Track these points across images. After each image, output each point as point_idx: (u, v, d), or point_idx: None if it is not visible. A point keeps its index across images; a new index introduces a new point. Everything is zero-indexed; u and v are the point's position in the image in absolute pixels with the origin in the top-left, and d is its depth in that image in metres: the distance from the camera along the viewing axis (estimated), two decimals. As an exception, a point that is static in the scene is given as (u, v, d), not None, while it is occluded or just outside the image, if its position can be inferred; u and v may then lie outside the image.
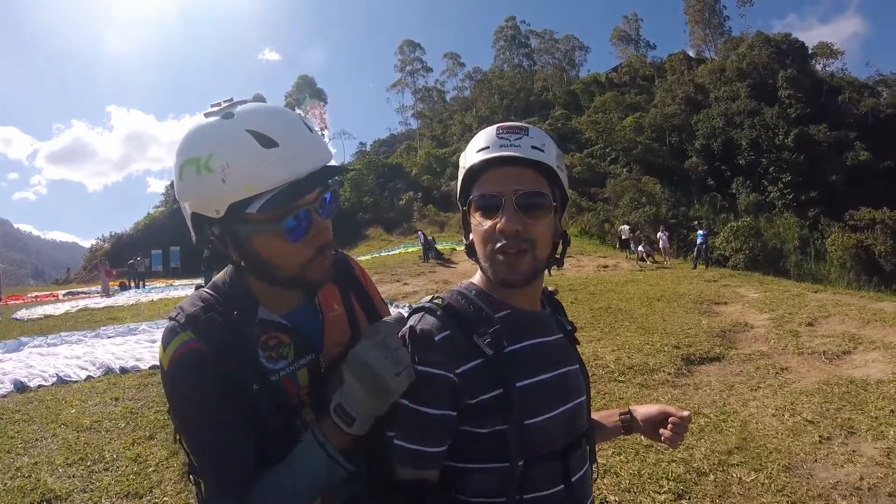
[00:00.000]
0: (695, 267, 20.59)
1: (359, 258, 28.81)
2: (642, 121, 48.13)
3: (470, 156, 1.16)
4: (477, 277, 1.24)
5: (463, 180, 1.20)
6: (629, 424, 1.46)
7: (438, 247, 26.55)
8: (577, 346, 1.34)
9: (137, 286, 27.83)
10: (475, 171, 1.16)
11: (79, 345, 9.57)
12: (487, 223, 1.12)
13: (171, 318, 1.16)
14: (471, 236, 1.21)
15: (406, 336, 1.09)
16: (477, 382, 1.07)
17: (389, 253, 34.66)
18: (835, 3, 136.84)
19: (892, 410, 5.60)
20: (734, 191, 40.60)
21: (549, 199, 1.15)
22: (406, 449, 1.06)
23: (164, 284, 28.74)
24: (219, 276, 1.24)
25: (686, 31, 74.08)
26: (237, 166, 1.03)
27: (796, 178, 37.27)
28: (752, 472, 4.32)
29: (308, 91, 76.19)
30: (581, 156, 47.15)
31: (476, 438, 1.09)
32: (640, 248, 23.45)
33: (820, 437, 5.01)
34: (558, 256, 1.23)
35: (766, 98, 44.70)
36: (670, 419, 1.37)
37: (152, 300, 18.63)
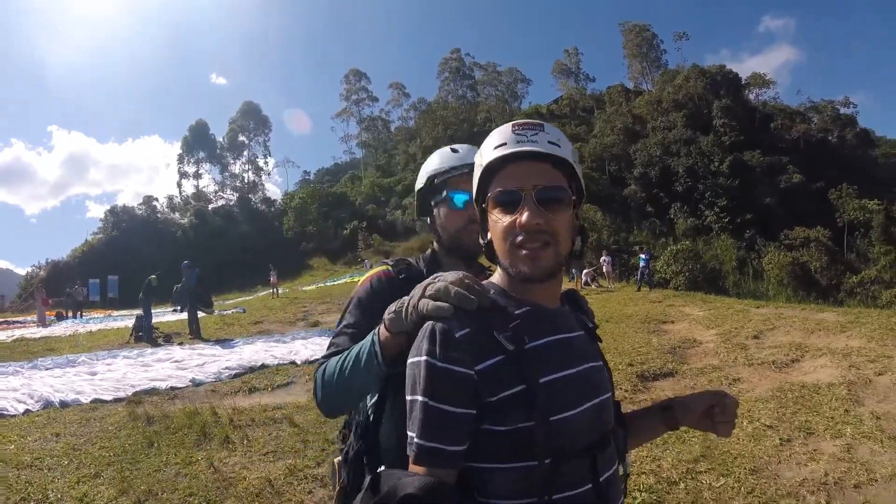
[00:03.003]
0: (639, 289, 20.90)
1: (304, 288, 27.90)
2: (582, 151, 48.81)
3: (487, 153, 1.17)
4: (496, 277, 1.24)
5: (480, 178, 1.20)
6: (674, 419, 1.42)
7: (386, 275, 26.22)
8: (599, 343, 1.33)
9: (75, 316, 26.64)
10: (493, 168, 1.16)
11: (15, 376, 8.95)
12: (507, 219, 1.13)
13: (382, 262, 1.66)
14: (488, 235, 1.20)
15: (426, 333, 1.07)
16: (498, 379, 1.05)
17: (335, 283, 34.18)
18: (766, 35, 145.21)
19: (846, 410, 5.82)
20: (672, 216, 41.59)
21: (569, 193, 1.16)
22: (424, 447, 1.03)
23: (102, 315, 27.61)
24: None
25: (625, 64, 76.65)
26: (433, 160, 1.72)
27: (732, 201, 38.42)
28: (721, 478, 4.39)
29: (253, 118, 75.29)
30: (526, 185, 47.61)
31: (496, 437, 1.05)
32: (585, 272, 23.69)
33: (780, 439, 5.15)
34: (577, 250, 1.23)
35: (702, 127, 46.22)
36: (716, 409, 1.35)
37: (91, 331, 17.73)
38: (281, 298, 26.43)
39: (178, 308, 16.51)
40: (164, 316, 16.78)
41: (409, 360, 1.09)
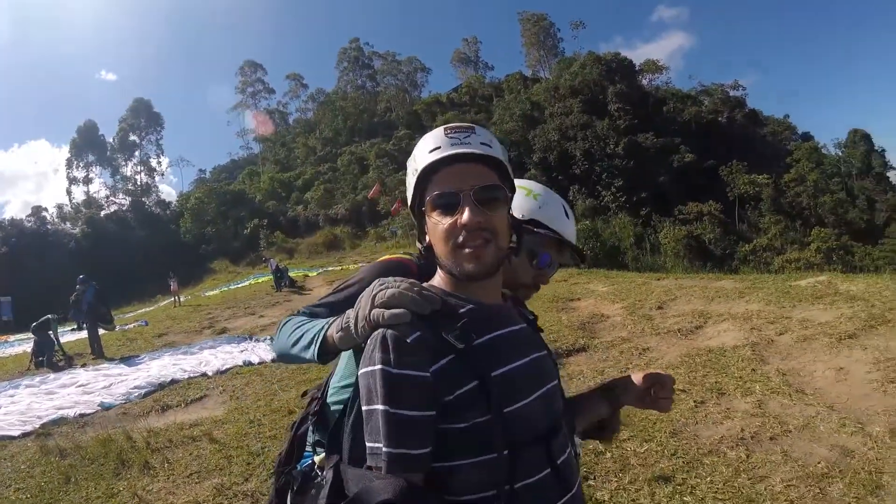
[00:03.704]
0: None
1: (207, 294, 26.61)
2: (483, 138, 48.44)
3: (421, 158, 1.18)
4: (436, 279, 1.26)
5: (416, 183, 1.20)
6: (616, 400, 1.52)
7: (291, 274, 25.31)
8: (541, 333, 1.35)
9: (-35, 343, 24.15)
10: (428, 172, 1.17)
11: None
12: (447, 220, 1.14)
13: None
14: (426, 238, 1.23)
15: (377, 342, 1.06)
16: (452, 378, 1.06)
17: (239, 285, 32.74)
18: (659, 23, 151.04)
19: (752, 369, 6.14)
20: (571, 197, 42.57)
21: (504, 190, 1.19)
22: (393, 455, 1.01)
23: (-3, 341, 24.96)
24: None
25: (523, 52, 77.51)
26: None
27: (628, 182, 39.56)
28: (644, 444, 4.52)
29: (144, 115, 71.04)
30: (428, 174, 47.61)
31: (457, 434, 1.06)
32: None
33: (694, 402, 5.35)
34: (514, 245, 1.25)
35: (598, 112, 47.44)
36: (654, 387, 1.46)
37: None
38: (184, 307, 25.14)
39: (77, 327, 15.28)
40: (64, 336, 15.42)
41: (362, 371, 1.07)
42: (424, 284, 1.17)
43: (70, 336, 16.96)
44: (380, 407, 1.03)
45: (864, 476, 3.68)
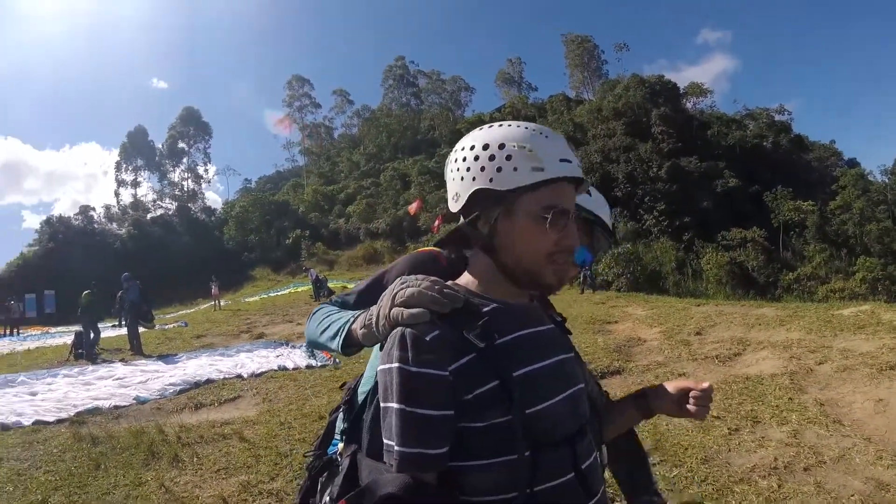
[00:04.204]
0: (582, 292, 20.95)
1: (246, 299, 27.17)
2: (526, 158, 48.13)
3: (550, 160, 1.11)
4: (463, 278, 1.24)
5: (535, 178, 1.11)
6: (649, 407, 1.49)
7: (330, 285, 25.71)
8: (569, 335, 1.33)
9: (12, 333, 25.50)
10: (548, 179, 1.11)
11: (-49, 397, 8.34)
12: (552, 235, 1.12)
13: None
14: (491, 229, 1.16)
15: (395, 339, 1.05)
16: (472, 377, 1.05)
17: (279, 293, 33.43)
18: (704, 46, 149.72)
19: (790, 398, 6.00)
20: (613, 220, 41.94)
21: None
22: (406, 454, 1.01)
23: (39, 332, 26.06)
24: None
25: (566, 74, 77.29)
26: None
27: (670, 206, 38.95)
28: (674, 469, 4.48)
29: (193, 124, 73.19)
30: (469, 191, 47.72)
31: (475, 434, 1.06)
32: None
33: (728, 429, 5.25)
34: None
35: (641, 135, 46.97)
36: (692, 394, 1.41)
37: (28, 349, 16.72)
38: (223, 311, 25.81)
39: (118, 323, 15.80)
40: (105, 332, 16.00)
41: (380, 368, 1.07)
42: (449, 283, 1.15)
43: (111, 332, 17.58)
44: (395, 405, 1.03)
45: None
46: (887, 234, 38.10)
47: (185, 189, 72.34)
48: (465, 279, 1.23)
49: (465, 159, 1.15)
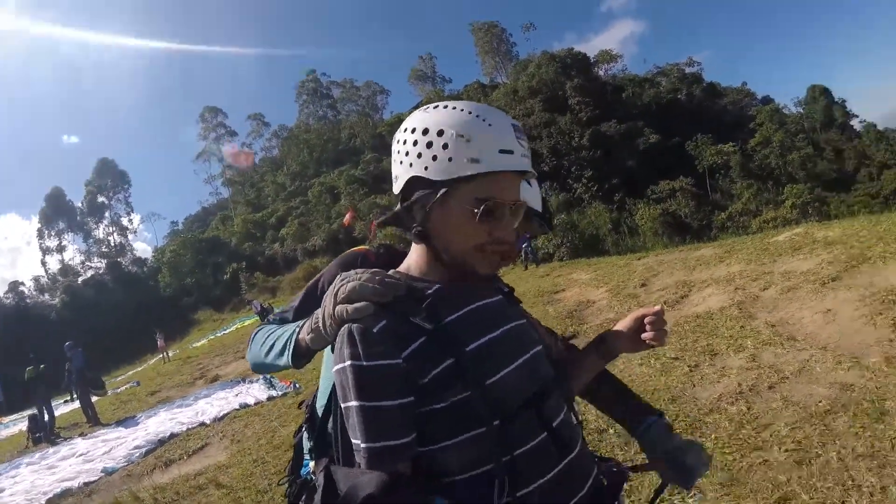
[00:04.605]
0: (526, 268, 20.99)
1: (194, 345, 26.39)
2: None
3: (489, 150, 1.07)
4: (404, 265, 1.23)
5: (470, 169, 1.07)
6: (609, 350, 1.45)
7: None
8: (520, 303, 1.32)
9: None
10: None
11: None
12: (484, 225, 1.09)
13: None
14: (425, 215, 1.13)
15: (344, 337, 1.04)
16: (425, 360, 1.04)
17: (226, 331, 32.50)
18: (608, 13, 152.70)
19: (741, 327, 6.11)
20: (544, 195, 42.43)
21: (525, 207, 1.17)
22: (374, 449, 1.00)
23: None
24: None
25: (478, 62, 77.65)
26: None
27: (597, 171, 39.49)
28: None
29: (110, 175, 70.35)
30: (398, 194, 47.41)
31: (439, 414, 1.04)
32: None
33: (688, 366, 5.33)
34: None
35: (559, 108, 47.58)
36: (646, 320, 1.37)
37: None
38: (173, 361, 24.98)
39: (70, 397, 15.03)
40: (58, 409, 15.19)
41: (334, 369, 1.06)
42: (389, 272, 1.15)
43: (63, 408, 16.72)
44: (354, 403, 1.01)
45: (867, 406, 3.66)
46: (809, 160, 39.83)
47: (113, 244, 69.42)
48: (406, 266, 1.23)
49: (404, 142, 1.12)
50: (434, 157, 1.08)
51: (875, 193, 35.86)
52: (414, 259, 1.21)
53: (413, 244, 1.22)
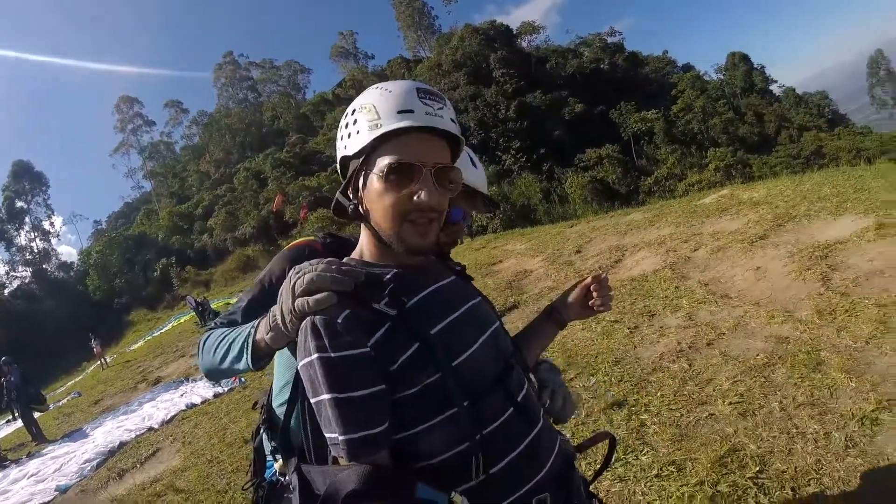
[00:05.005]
0: (461, 242, 21.01)
1: (131, 347, 25.47)
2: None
3: (385, 113, 1.08)
4: (356, 251, 1.23)
5: (371, 136, 1.08)
6: (561, 318, 1.55)
7: (213, 305, 24.25)
8: (471, 280, 1.33)
9: None
10: (389, 133, 1.08)
11: None
12: (400, 192, 1.09)
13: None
14: (359, 197, 1.16)
15: (307, 331, 1.02)
16: (392, 346, 1.04)
17: (162, 330, 31.47)
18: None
19: (676, 287, 6.27)
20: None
21: (459, 173, 1.16)
22: (353, 440, 0.99)
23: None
24: None
25: (400, 36, 76.73)
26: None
27: (525, 142, 39.88)
28: (590, 377, 4.63)
29: (27, 178, 66.36)
30: (326, 174, 46.20)
31: (412, 400, 1.05)
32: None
33: (628, 328, 5.46)
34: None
35: (484, 81, 47.67)
36: (592, 287, 1.48)
37: None
38: (112, 367, 24.17)
39: (12, 416, 14.27)
40: (0, 431, 14.53)
41: (300, 364, 1.04)
42: (344, 259, 1.15)
43: (7, 428, 16.00)
44: (326, 396, 1.00)
45: (804, 357, 3.75)
46: (731, 124, 41.26)
47: (36, 250, 65.62)
48: (358, 252, 1.22)
49: (341, 128, 1.15)
50: (349, 135, 1.11)
51: (796, 154, 37.38)
52: (365, 244, 1.21)
53: (362, 230, 1.21)
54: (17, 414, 13.15)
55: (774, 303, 4.87)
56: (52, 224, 68.67)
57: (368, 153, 1.10)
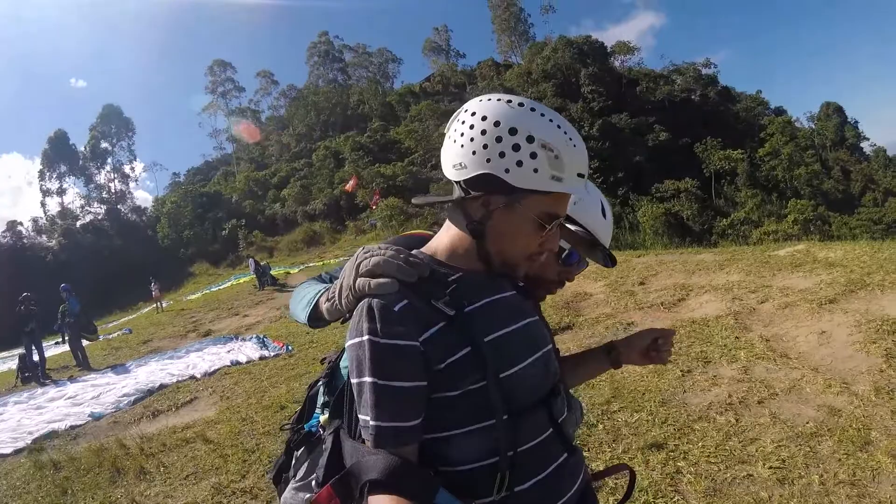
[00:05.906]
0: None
1: (188, 297, 26.31)
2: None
3: (571, 172, 1.09)
4: (428, 247, 1.22)
5: (550, 187, 1.08)
6: (617, 360, 1.57)
7: (272, 272, 25.02)
8: (531, 299, 1.31)
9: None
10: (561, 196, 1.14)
11: None
12: (538, 235, 1.13)
13: None
14: (485, 213, 1.13)
15: (363, 311, 1.03)
16: (443, 345, 1.04)
17: (220, 287, 32.46)
18: (628, 3, 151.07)
19: (736, 337, 6.14)
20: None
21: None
22: (382, 428, 1.00)
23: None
24: None
25: (494, 39, 76.93)
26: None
27: (604, 162, 39.47)
28: (634, 413, 4.61)
29: (115, 122, 69.32)
30: (402, 165, 46.91)
31: (451, 403, 1.05)
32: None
33: (681, 371, 5.38)
34: None
35: (571, 95, 47.51)
36: (660, 341, 1.51)
37: None
38: (167, 312, 24.92)
39: (61, 339, 15.07)
40: (49, 350, 15.19)
41: (350, 342, 1.05)
42: (413, 252, 1.16)
43: (54, 349, 16.75)
44: (368, 379, 1.01)
45: (853, 433, 3.69)
46: (816, 177, 39.91)
47: (113, 191, 68.26)
48: (432, 248, 1.21)
49: (483, 133, 1.07)
50: (519, 163, 1.05)
51: (878, 219, 36.01)
52: (445, 243, 1.19)
53: (446, 229, 1.21)
54: (66, 337, 13.74)
55: (833, 371, 4.80)
56: (132, 168, 71.13)
57: (535, 193, 1.09)
